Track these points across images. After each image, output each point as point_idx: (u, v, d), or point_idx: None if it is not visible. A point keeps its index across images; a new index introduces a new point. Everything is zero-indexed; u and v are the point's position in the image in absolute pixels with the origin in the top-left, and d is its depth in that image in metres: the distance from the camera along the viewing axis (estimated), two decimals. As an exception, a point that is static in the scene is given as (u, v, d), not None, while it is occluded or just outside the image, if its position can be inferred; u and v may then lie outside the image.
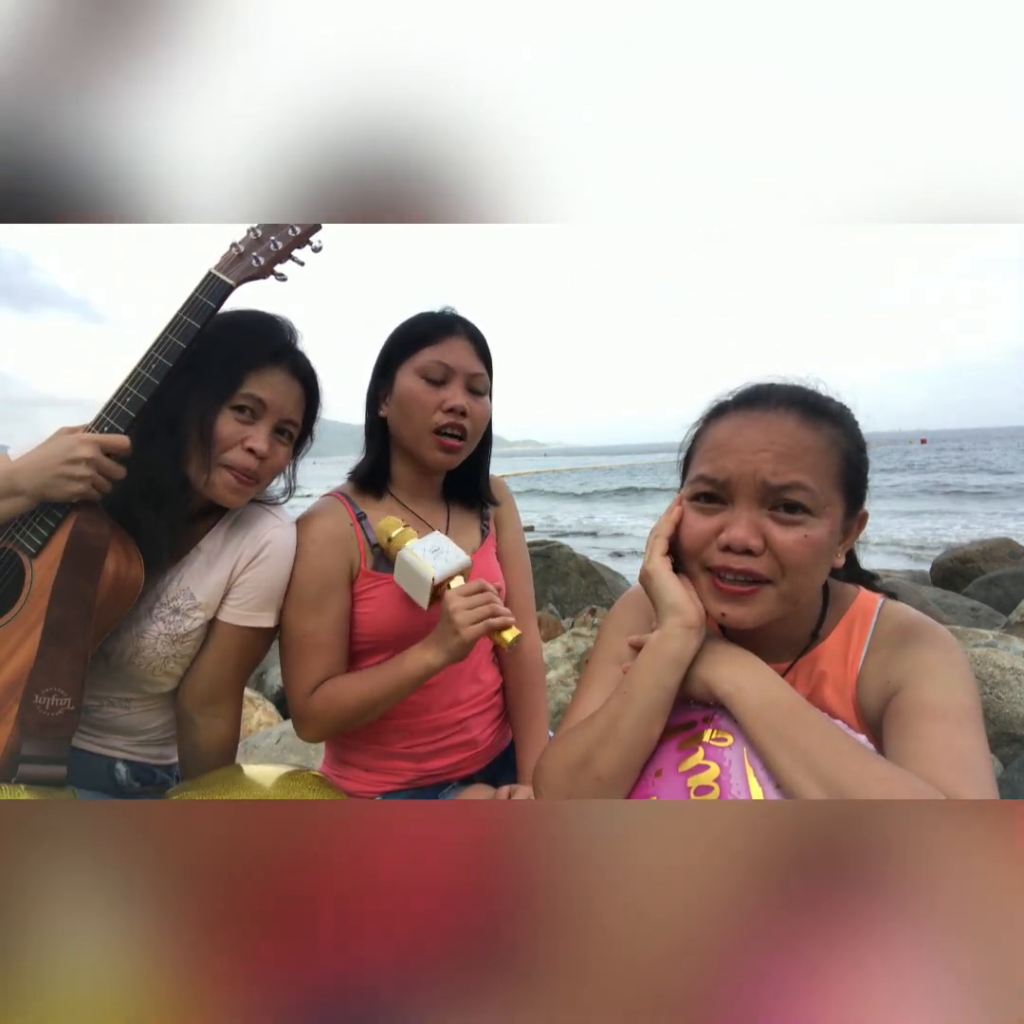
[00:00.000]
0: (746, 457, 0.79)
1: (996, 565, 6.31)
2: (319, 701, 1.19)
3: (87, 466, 1.00)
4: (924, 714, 0.75)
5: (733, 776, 0.76)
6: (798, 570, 0.79)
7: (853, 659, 0.85)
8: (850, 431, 0.83)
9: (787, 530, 0.78)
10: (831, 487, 0.80)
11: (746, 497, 0.80)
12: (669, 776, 0.80)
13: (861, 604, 0.89)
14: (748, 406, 0.83)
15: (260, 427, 1.13)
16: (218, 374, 1.11)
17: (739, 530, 0.79)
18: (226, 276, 1.09)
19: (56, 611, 0.99)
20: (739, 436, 0.81)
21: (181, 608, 1.14)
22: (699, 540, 0.83)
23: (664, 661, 0.82)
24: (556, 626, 4.00)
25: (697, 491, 0.84)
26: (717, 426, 0.85)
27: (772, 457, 0.78)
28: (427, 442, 1.22)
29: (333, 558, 1.21)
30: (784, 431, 0.79)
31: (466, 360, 1.23)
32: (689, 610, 0.83)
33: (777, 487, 0.78)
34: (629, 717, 0.81)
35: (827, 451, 0.80)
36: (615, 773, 0.81)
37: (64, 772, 0.99)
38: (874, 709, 0.82)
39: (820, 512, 0.79)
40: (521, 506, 1.51)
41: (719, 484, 0.81)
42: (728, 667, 0.81)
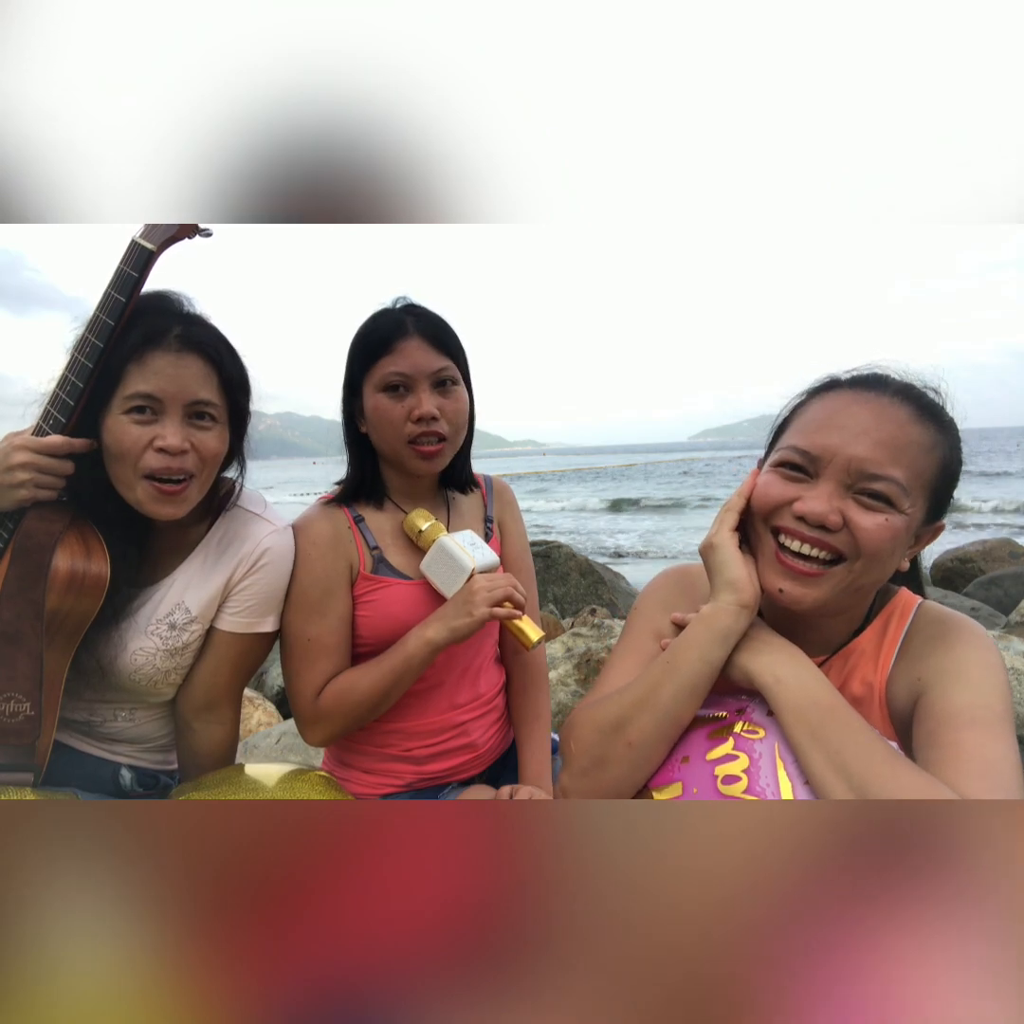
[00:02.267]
0: (849, 437, 0.77)
1: (996, 565, 6.31)
2: (328, 701, 1.19)
3: (24, 471, 0.97)
4: (953, 720, 0.74)
5: (763, 768, 0.75)
6: (874, 554, 0.77)
7: (886, 655, 0.85)
8: (953, 443, 0.81)
9: (869, 513, 0.76)
10: (920, 489, 0.78)
11: (835, 475, 0.77)
12: (696, 763, 0.79)
13: (900, 601, 0.88)
14: (864, 386, 0.81)
15: (166, 421, 1.01)
16: (101, 379, 1.01)
17: (819, 504, 0.77)
18: (147, 241, 1.00)
19: (5, 612, 0.96)
20: (847, 412, 0.79)
21: (177, 623, 1.12)
22: (773, 502, 0.81)
23: (713, 635, 0.81)
24: (556, 626, 4.00)
25: (785, 459, 0.82)
26: (824, 399, 0.82)
27: (874, 444, 0.76)
28: (405, 453, 1.21)
29: (335, 561, 1.20)
30: (895, 419, 0.77)
31: (423, 360, 1.18)
32: (747, 589, 0.82)
33: (870, 475, 0.76)
34: (670, 687, 0.80)
35: (929, 452, 0.78)
36: (647, 740, 0.80)
37: (31, 779, 0.98)
38: (903, 706, 0.81)
39: (903, 508, 0.77)
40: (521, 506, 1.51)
41: (811, 458, 0.79)
42: (770, 657, 0.80)
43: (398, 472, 1.28)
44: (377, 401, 1.19)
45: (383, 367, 1.18)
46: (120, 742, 1.18)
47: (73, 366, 1.00)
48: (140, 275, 1.00)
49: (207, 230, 1.05)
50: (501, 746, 1.40)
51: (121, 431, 1.00)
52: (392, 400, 1.18)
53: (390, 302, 1.24)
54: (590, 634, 2.93)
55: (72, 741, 1.15)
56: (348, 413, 1.27)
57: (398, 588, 1.23)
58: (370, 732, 1.28)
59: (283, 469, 71.80)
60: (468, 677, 1.31)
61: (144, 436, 1.00)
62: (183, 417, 1.03)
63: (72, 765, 1.13)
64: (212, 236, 1.06)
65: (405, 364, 1.18)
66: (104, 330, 0.99)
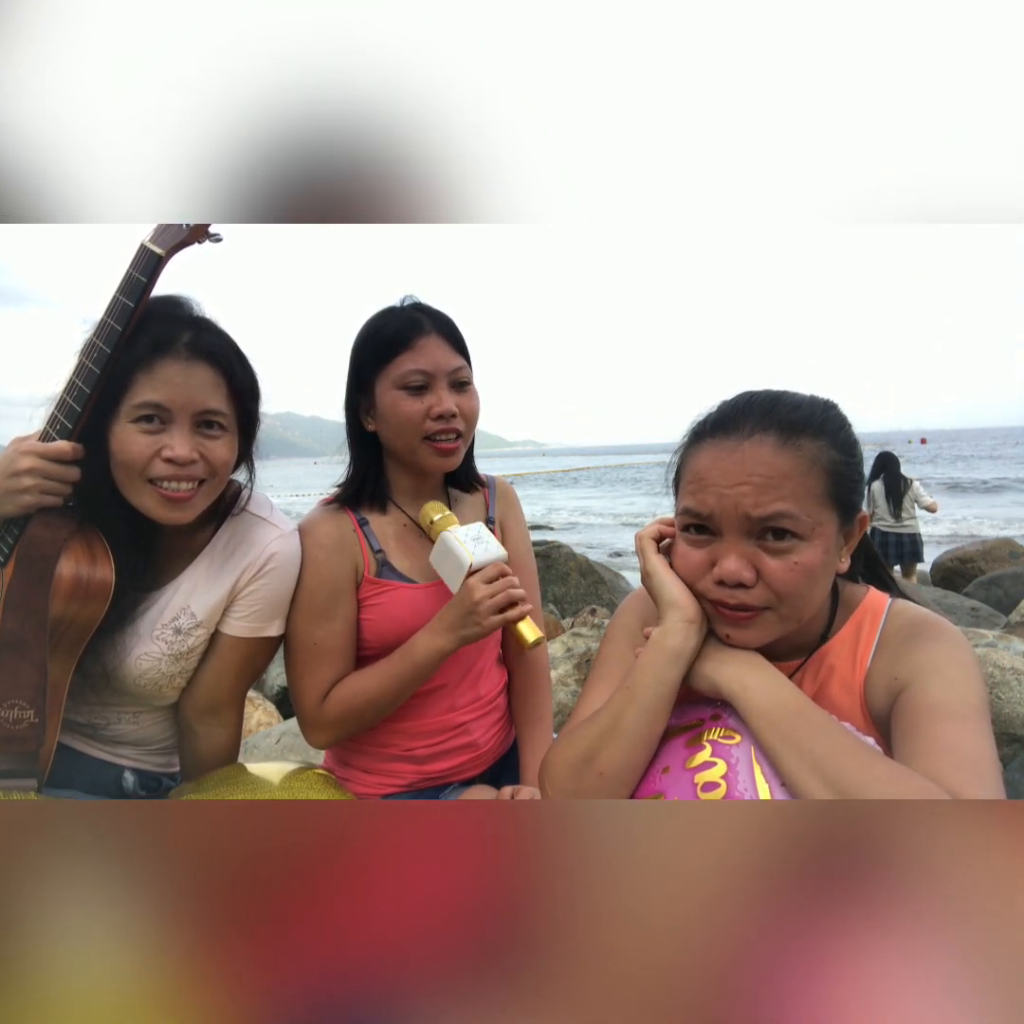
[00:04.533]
0: (725, 491, 0.78)
1: (996, 565, 6.32)
2: (334, 705, 1.19)
3: (30, 477, 0.97)
4: (931, 713, 0.75)
5: (740, 773, 0.76)
6: (793, 596, 0.79)
7: (862, 657, 0.85)
8: (834, 437, 0.81)
9: (777, 559, 0.78)
10: (818, 507, 0.78)
11: (733, 530, 0.79)
12: (676, 772, 0.80)
13: (871, 603, 0.89)
14: (723, 434, 0.81)
15: (174, 431, 1.01)
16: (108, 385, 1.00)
17: (730, 564, 0.79)
18: (156, 246, 0.99)
19: (10, 621, 0.95)
20: (716, 469, 0.80)
21: (183, 628, 1.11)
22: (694, 572, 0.83)
23: (666, 656, 0.83)
24: (556, 626, 4.00)
25: (686, 523, 0.84)
26: (696, 455, 0.84)
27: (751, 490, 0.77)
28: (422, 451, 1.20)
29: (341, 564, 1.20)
30: (760, 460, 0.77)
31: (443, 359, 1.18)
32: (688, 605, 0.84)
33: (760, 518, 0.77)
34: (632, 713, 0.82)
35: (808, 472, 0.78)
36: (618, 769, 0.81)
37: (34, 785, 0.98)
38: (882, 706, 0.82)
39: (809, 535, 0.78)
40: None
41: (704, 517, 0.81)
42: (734, 666, 0.82)
43: (406, 472, 1.27)
44: (395, 398, 1.18)
45: (401, 364, 1.17)
46: (124, 745, 1.18)
47: (80, 371, 0.99)
48: (149, 280, 0.99)
49: (217, 235, 1.03)
50: (502, 746, 1.40)
51: (129, 439, 1.00)
52: (412, 397, 1.17)
53: (397, 301, 1.24)
54: (590, 634, 2.93)
55: (76, 743, 1.15)
56: (353, 411, 1.26)
57: (402, 591, 1.23)
58: (371, 732, 1.27)
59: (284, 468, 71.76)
60: (470, 678, 1.31)
61: (152, 445, 1.00)
62: (192, 426, 1.02)
63: (75, 768, 1.13)
64: (222, 241, 1.04)
65: (425, 362, 1.17)
66: (112, 335, 0.98)
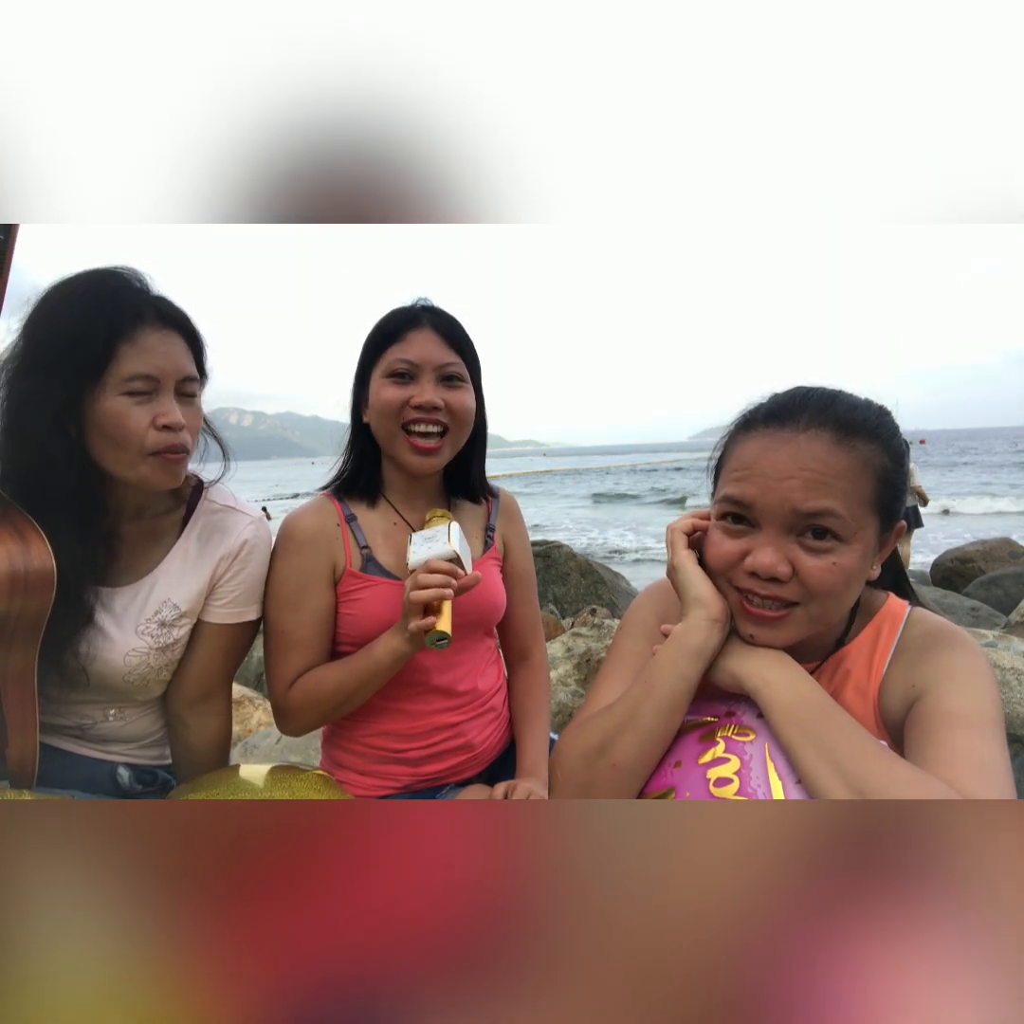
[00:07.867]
0: (773, 484, 0.76)
1: (996, 565, 6.32)
2: (297, 694, 1.20)
3: None
4: (947, 720, 0.74)
5: (753, 770, 0.76)
6: (827, 596, 0.77)
7: (878, 663, 0.85)
8: (887, 442, 0.79)
9: (816, 557, 0.76)
10: (864, 511, 0.77)
11: (774, 523, 0.77)
12: (688, 767, 0.80)
13: (890, 609, 0.88)
14: (777, 424, 0.79)
15: (163, 399, 0.99)
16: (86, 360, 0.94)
17: (766, 557, 0.77)
18: None
19: None
20: (766, 459, 0.78)
21: (167, 620, 1.12)
22: (726, 561, 0.82)
23: (687, 653, 0.82)
24: (556, 626, 4.00)
25: (724, 511, 0.82)
26: (744, 444, 0.82)
27: (801, 484, 0.75)
28: (399, 443, 1.20)
29: (311, 557, 1.21)
30: (814, 455, 0.76)
31: (432, 352, 1.19)
32: (714, 603, 0.83)
33: (806, 513, 0.75)
34: (649, 706, 0.81)
35: (860, 474, 0.76)
36: (632, 761, 0.81)
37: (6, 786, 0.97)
38: (897, 713, 0.82)
39: (851, 538, 0.76)
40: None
41: (745, 507, 0.79)
42: (757, 661, 0.81)
43: (397, 469, 1.28)
44: (381, 386, 1.20)
45: (391, 355, 1.20)
46: (114, 742, 1.18)
47: None
48: None
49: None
50: (499, 746, 1.40)
51: (122, 413, 0.97)
52: (395, 385, 1.19)
53: (409, 301, 1.26)
54: (590, 634, 2.93)
55: (67, 745, 1.15)
56: (356, 403, 1.29)
57: (384, 587, 1.22)
58: (363, 734, 1.28)
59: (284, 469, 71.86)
60: (463, 678, 1.31)
61: (146, 416, 0.98)
62: (174, 394, 1.01)
63: (69, 769, 1.13)
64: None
65: (412, 352, 1.19)
66: None
